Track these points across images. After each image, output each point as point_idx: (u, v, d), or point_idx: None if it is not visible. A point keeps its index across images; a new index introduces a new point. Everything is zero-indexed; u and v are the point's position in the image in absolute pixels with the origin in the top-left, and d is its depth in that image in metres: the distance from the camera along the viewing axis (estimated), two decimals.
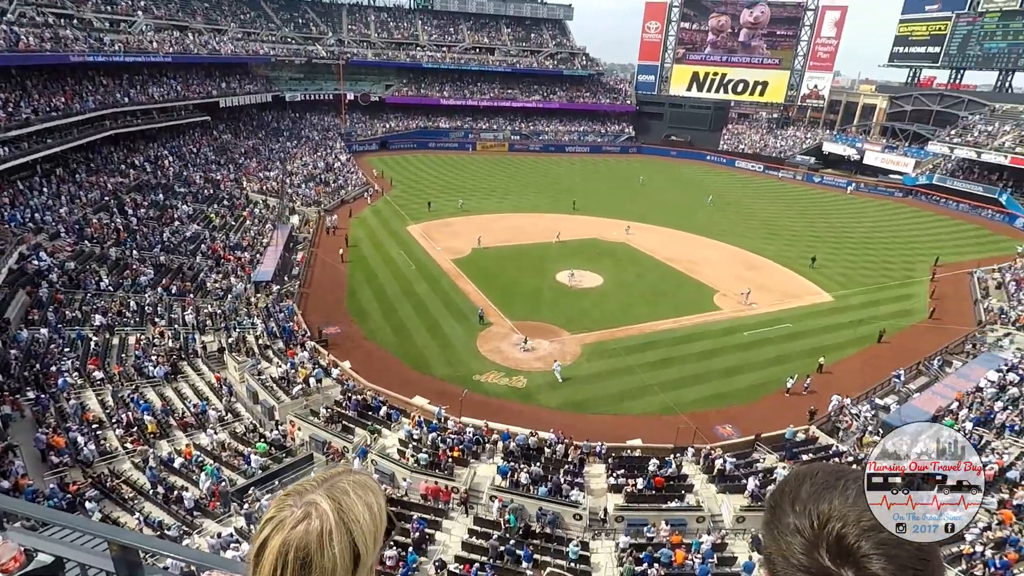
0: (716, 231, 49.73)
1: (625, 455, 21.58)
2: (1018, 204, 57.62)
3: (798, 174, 77.46)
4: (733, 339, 30.78)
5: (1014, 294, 36.64)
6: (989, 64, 74.48)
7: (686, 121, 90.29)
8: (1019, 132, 60.88)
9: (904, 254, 46.51)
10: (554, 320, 31.83)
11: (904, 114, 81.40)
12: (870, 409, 24.64)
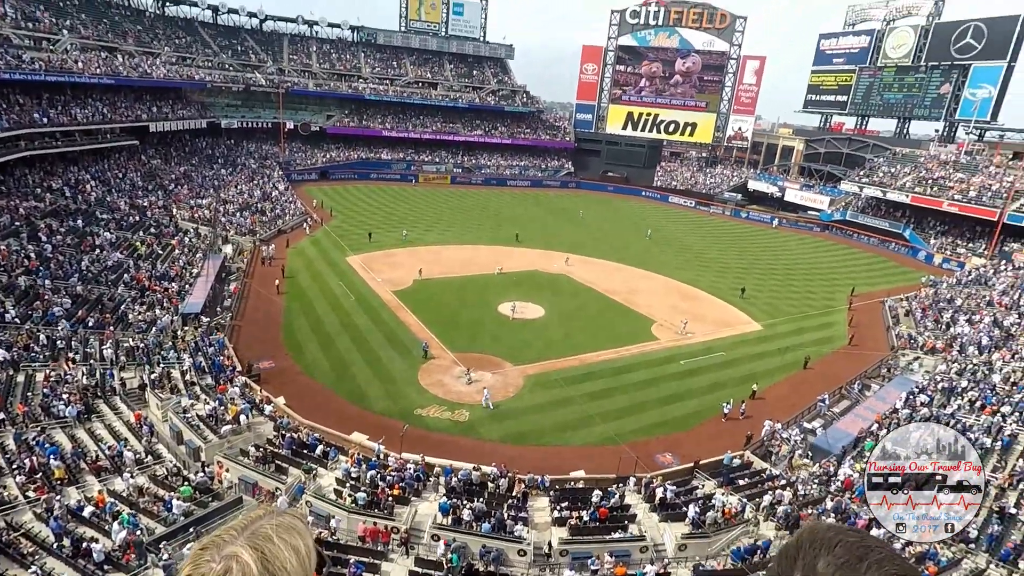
0: (653, 263, 51.45)
1: (569, 487, 21.52)
2: (920, 238, 62.85)
3: (726, 209, 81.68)
4: (671, 368, 31.61)
5: (920, 321, 39.63)
6: (889, 112, 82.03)
7: (622, 158, 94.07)
8: (917, 174, 66.86)
9: (824, 285, 49.54)
10: (496, 352, 31.76)
11: (819, 155, 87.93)
12: (799, 433, 25.73)
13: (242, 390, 25.21)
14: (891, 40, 79.92)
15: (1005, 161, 63.76)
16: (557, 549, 18.33)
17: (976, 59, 70.41)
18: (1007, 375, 30.36)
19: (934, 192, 62.79)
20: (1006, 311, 40.09)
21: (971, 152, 68.23)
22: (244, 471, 20.41)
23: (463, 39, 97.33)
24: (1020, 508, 20.46)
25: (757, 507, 20.71)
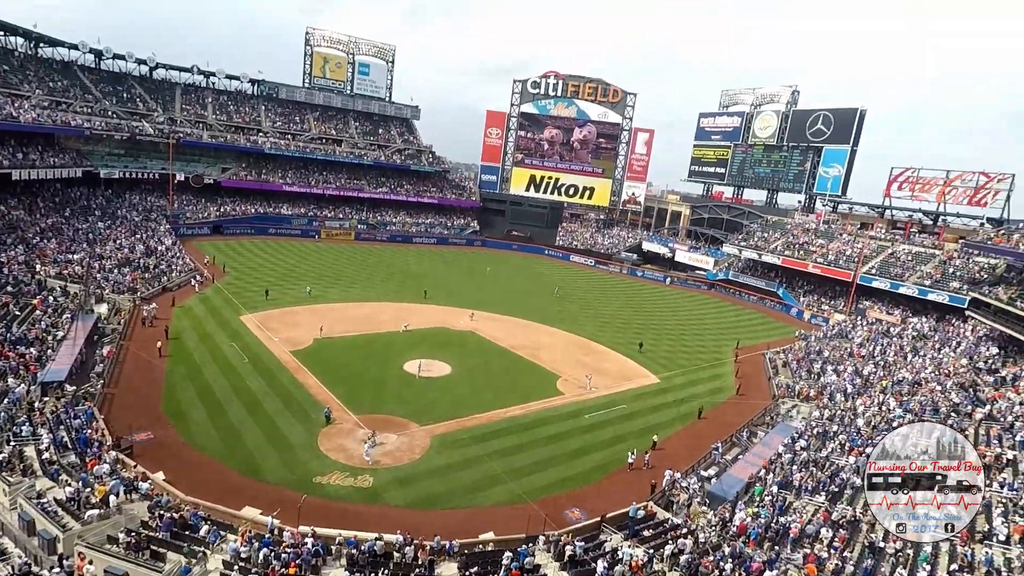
0: (557, 319, 52.97)
1: (478, 550, 20.90)
2: (791, 296, 69.74)
3: (624, 268, 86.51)
4: (576, 422, 32.21)
5: (795, 371, 43.49)
6: (760, 184, 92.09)
7: (526, 218, 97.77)
8: (786, 239, 74.93)
9: (712, 339, 53.27)
10: (402, 412, 30.87)
11: (703, 220, 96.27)
12: (697, 481, 26.89)
13: (113, 467, 22.51)
14: (758, 122, 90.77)
15: (854, 230, 73.27)
16: None
17: (827, 142, 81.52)
18: (868, 419, 33.81)
19: (800, 255, 70.48)
20: (864, 361, 45.02)
21: (828, 221, 77.77)
22: (112, 561, 17.96)
23: (368, 98, 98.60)
24: (887, 541, 22.42)
25: (661, 557, 21.16)
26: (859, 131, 79.17)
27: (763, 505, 24.82)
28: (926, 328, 53.07)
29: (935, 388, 38.36)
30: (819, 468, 28.25)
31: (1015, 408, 33.80)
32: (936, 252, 63.03)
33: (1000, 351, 42.91)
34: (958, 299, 52.50)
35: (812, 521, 23.76)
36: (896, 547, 22.23)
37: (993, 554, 21.49)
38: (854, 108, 79.59)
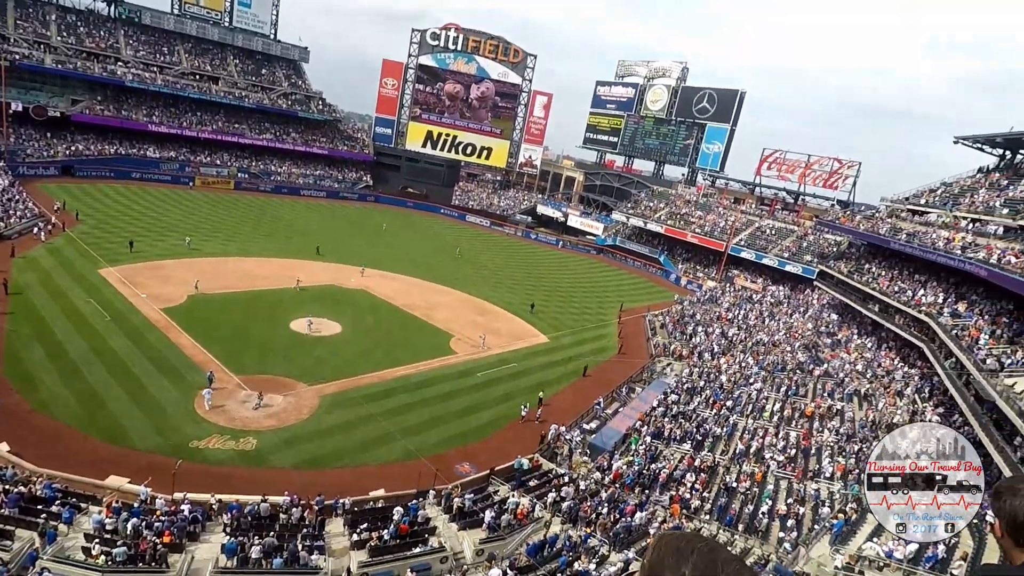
0: (451, 278, 53.03)
1: (368, 507, 21.05)
2: (671, 263, 74.86)
3: (518, 230, 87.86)
4: (468, 381, 32.89)
5: (671, 332, 47.18)
6: (649, 155, 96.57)
7: (422, 175, 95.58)
8: (669, 209, 79.79)
9: (599, 301, 56.12)
10: (289, 372, 29.77)
11: (596, 187, 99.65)
12: (579, 434, 28.72)
13: None
14: (650, 95, 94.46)
15: (729, 204, 79.53)
16: (356, 573, 17.79)
17: (710, 120, 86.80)
18: (730, 376, 37.66)
19: (681, 225, 75.50)
20: (729, 324, 49.74)
21: (707, 195, 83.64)
22: None
23: (251, 34, 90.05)
24: (739, 482, 25.49)
25: (545, 505, 22.57)
26: (739, 111, 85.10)
27: (637, 454, 27.10)
28: (782, 296, 59.51)
29: (786, 348, 43.40)
30: (687, 420, 31.22)
31: (845, 367, 39.16)
32: (795, 228, 70.26)
33: (839, 317, 49.24)
34: (809, 271, 59.19)
35: (678, 467, 26.36)
36: (746, 486, 25.29)
37: (820, 489, 25.12)
38: (735, 89, 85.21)
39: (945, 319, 31.72)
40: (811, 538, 21.28)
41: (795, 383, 36.56)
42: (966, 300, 33.52)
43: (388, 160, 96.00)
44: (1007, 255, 29.70)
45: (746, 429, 30.85)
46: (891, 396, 33.31)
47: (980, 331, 28.42)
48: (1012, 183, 40.14)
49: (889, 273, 44.07)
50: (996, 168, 44.70)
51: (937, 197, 46.00)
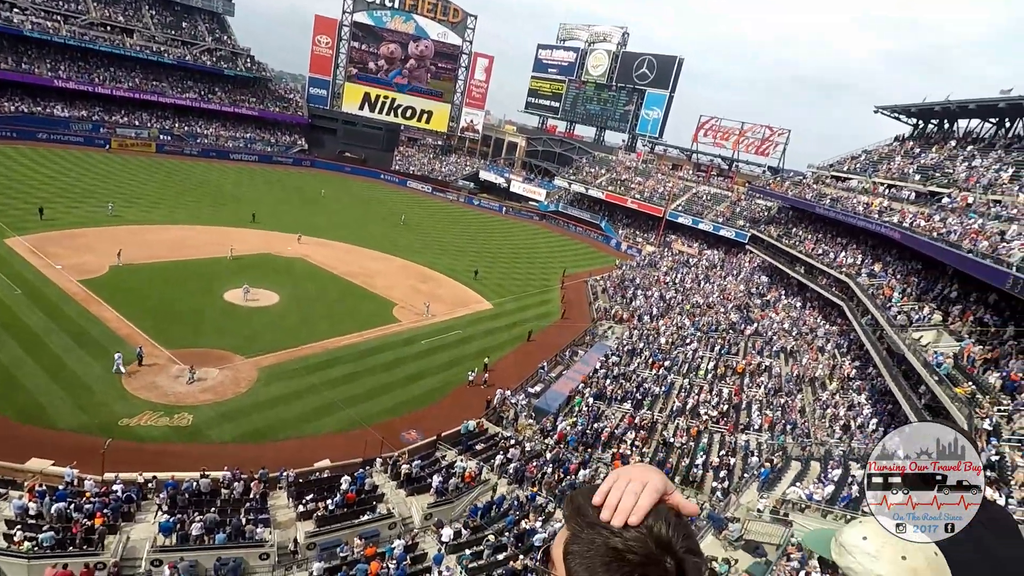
0: (392, 246, 52.08)
1: (314, 478, 20.86)
2: (612, 228, 76.20)
3: (461, 196, 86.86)
4: (413, 348, 32.73)
5: (612, 296, 48.36)
6: (590, 121, 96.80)
7: (360, 139, 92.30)
8: (610, 175, 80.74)
9: (542, 267, 56.65)
10: (224, 344, 28.69)
11: (538, 152, 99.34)
12: (524, 397, 29.29)
13: None
14: (591, 60, 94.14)
15: (667, 170, 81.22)
16: (304, 544, 17.71)
17: (649, 86, 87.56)
18: (668, 337, 39.13)
19: (621, 191, 76.65)
20: (667, 287, 51.42)
21: (646, 161, 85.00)
22: None
23: None
24: (675, 438, 26.79)
25: (492, 467, 23.05)
26: (677, 78, 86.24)
27: (580, 415, 27.96)
28: (716, 259, 61.88)
29: (719, 310, 45.37)
30: (627, 380, 32.35)
31: (774, 326, 41.41)
32: (729, 194, 72.73)
33: (768, 279, 51.77)
34: (741, 235, 61.65)
35: (620, 425, 27.41)
36: (682, 441, 26.60)
37: (749, 440, 26.74)
38: (673, 56, 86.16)
39: (863, 279, 33.94)
40: (741, 486, 22.76)
41: (728, 342, 38.42)
42: (881, 261, 35.92)
43: (324, 123, 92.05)
44: (917, 219, 31.89)
45: (682, 387, 32.31)
46: (814, 352, 35.60)
47: (893, 290, 30.61)
48: (924, 151, 42.84)
49: (814, 236, 46.53)
50: (910, 137, 47.53)
51: (858, 164, 48.59)
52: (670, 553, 0.99)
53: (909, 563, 1.30)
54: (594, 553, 0.99)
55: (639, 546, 0.98)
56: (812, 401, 30.19)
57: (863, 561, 1.34)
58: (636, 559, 0.97)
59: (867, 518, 1.46)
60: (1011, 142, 36.93)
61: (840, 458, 23.29)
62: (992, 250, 22.49)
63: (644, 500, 1.05)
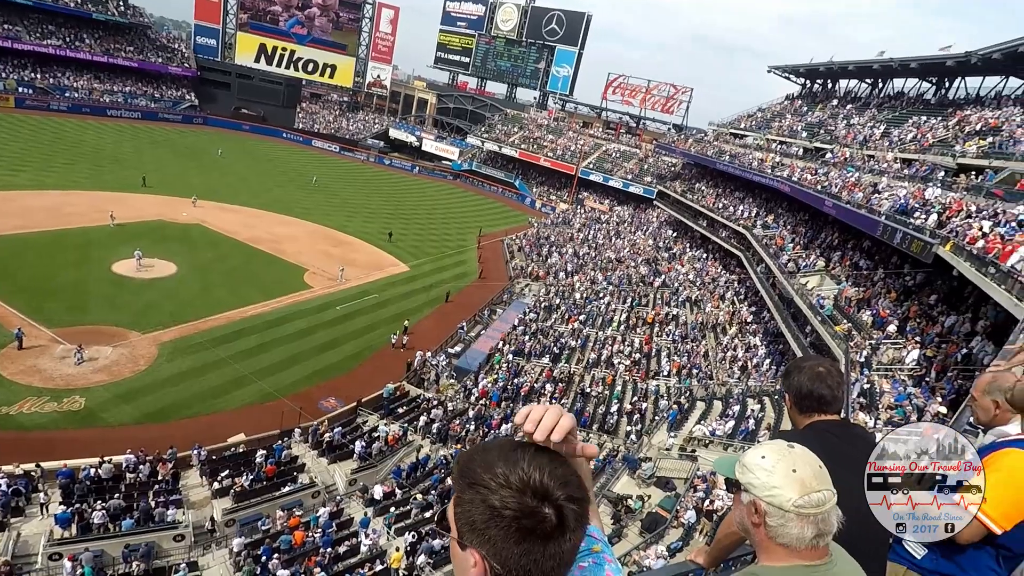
0: (299, 209, 49.65)
1: (228, 454, 20.08)
2: (526, 187, 76.57)
3: (371, 156, 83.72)
4: (327, 315, 31.76)
5: (528, 254, 49.03)
6: (501, 78, 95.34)
7: (257, 95, 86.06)
8: (523, 133, 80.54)
9: (458, 227, 56.23)
10: (116, 320, 26.49)
11: (449, 110, 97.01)
12: (445, 358, 29.43)
13: None
14: (501, 14, 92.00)
15: (578, 128, 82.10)
16: (221, 521, 17.15)
17: (559, 42, 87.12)
18: (583, 292, 40.40)
19: (534, 149, 76.85)
20: (580, 244, 52.77)
21: (558, 119, 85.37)
22: None
23: None
24: (592, 387, 28.05)
25: (416, 429, 23.18)
26: (586, 34, 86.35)
27: (501, 371, 28.53)
28: (626, 215, 64.04)
29: (630, 264, 47.26)
30: (545, 336, 33.25)
31: (680, 277, 43.76)
32: (637, 151, 74.87)
33: (674, 233, 54.34)
34: (649, 191, 64.00)
35: (539, 379, 28.26)
36: (598, 390, 27.89)
37: (659, 385, 28.46)
38: (582, 12, 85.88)
39: (758, 231, 36.44)
40: (652, 428, 24.34)
41: (638, 295, 40.27)
42: (774, 213, 38.65)
43: (215, 76, 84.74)
44: (804, 173, 34.43)
45: (597, 339, 33.68)
46: (715, 300, 38.10)
47: (784, 239, 33.13)
48: (810, 109, 45.99)
49: (715, 191, 49.16)
50: (799, 96, 50.78)
51: (754, 122, 51.44)
52: (548, 502, 1.03)
53: (799, 474, 1.51)
54: (475, 512, 1.03)
55: (514, 502, 1.01)
56: (714, 346, 32.49)
57: (761, 476, 1.53)
58: (511, 514, 1.01)
59: (765, 442, 1.65)
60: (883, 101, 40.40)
61: (739, 396, 25.39)
62: (866, 201, 24.77)
63: (565, 422, 1.14)
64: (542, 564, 1.02)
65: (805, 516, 1.48)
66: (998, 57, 28.61)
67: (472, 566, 1.05)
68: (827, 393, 2.29)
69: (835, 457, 2.11)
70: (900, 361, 18.55)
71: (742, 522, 1.62)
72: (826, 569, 1.52)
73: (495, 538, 1.02)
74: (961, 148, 25.38)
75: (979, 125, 27.01)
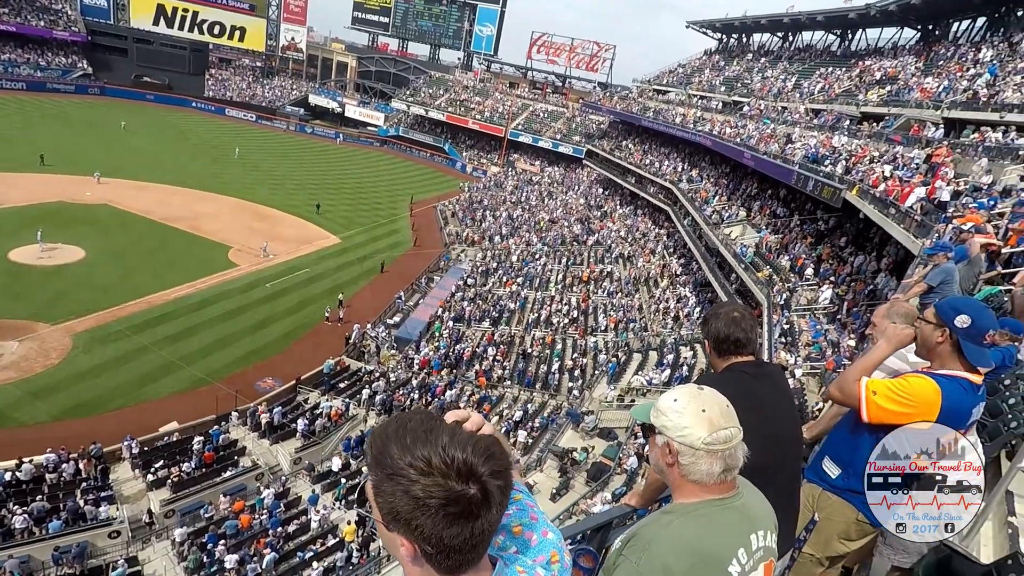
0: (218, 184, 46.88)
1: (162, 444, 19.24)
2: (456, 151, 75.34)
3: (291, 124, 79.66)
4: (256, 293, 30.53)
5: (462, 220, 48.63)
6: (423, 39, 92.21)
7: (160, 61, 79.42)
8: (449, 96, 78.67)
9: (389, 196, 54.85)
10: (19, 312, 24.42)
11: (371, 73, 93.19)
12: (384, 329, 29.07)
13: None
14: None
15: (505, 89, 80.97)
16: (160, 513, 16.54)
17: (480, 0, 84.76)
18: (519, 255, 40.65)
19: (461, 112, 75.36)
20: (514, 206, 52.78)
21: (483, 80, 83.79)
22: None
23: None
24: (533, 348, 28.57)
25: (359, 403, 22.95)
26: None
27: (442, 339, 28.52)
28: (557, 176, 64.39)
29: (563, 224, 47.82)
30: (484, 300, 33.39)
31: (612, 234, 44.75)
32: (564, 111, 74.89)
33: (604, 191, 55.24)
34: (578, 150, 64.44)
35: (480, 343, 28.48)
36: (539, 350, 28.44)
37: (598, 340, 29.32)
38: None
39: (684, 185, 37.61)
40: (593, 382, 25.16)
41: (573, 254, 40.94)
42: (698, 167, 39.94)
43: (109, 41, 77.31)
44: (724, 127, 35.62)
45: (536, 300, 34.15)
46: (646, 255, 39.30)
47: (708, 192, 34.39)
48: (727, 64, 47.28)
49: (641, 148, 50.12)
50: (716, 51, 52.03)
51: (675, 78, 52.41)
52: (474, 480, 1.01)
53: (707, 414, 1.60)
54: (397, 503, 1.01)
55: (439, 490, 0.99)
56: (648, 299, 33.68)
57: (673, 418, 1.62)
58: (437, 503, 0.99)
59: (677, 387, 1.76)
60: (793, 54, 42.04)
61: (672, 345, 26.57)
62: (781, 151, 26.00)
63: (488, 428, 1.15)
64: (472, 539, 1.03)
65: (714, 452, 1.56)
66: (894, 9, 30.27)
67: (400, 546, 1.05)
68: (742, 336, 2.44)
69: (751, 394, 2.29)
70: (815, 301, 19.90)
71: (657, 463, 1.70)
72: (733, 501, 1.63)
73: (422, 525, 1.00)
74: (864, 97, 26.92)
75: (879, 75, 28.67)
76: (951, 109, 20.09)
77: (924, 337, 2.56)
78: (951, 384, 2.38)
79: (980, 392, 2.47)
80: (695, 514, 1.59)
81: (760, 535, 1.64)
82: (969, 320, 2.38)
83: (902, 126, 21.94)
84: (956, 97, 20.68)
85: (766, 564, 1.66)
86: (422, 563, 1.06)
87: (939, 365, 2.49)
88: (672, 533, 1.55)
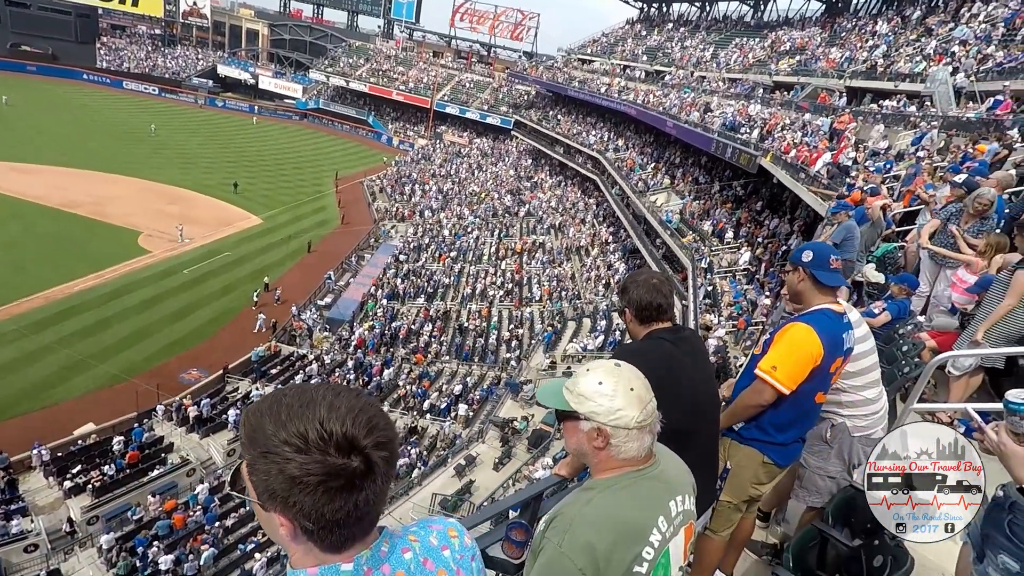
0: (122, 164, 43.35)
1: (77, 448, 18.00)
2: (381, 124, 73.00)
3: (199, 98, 74.37)
4: (174, 280, 28.75)
5: (391, 195, 47.51)
6: (340, 4, 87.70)
7: (40, 27, 71.54)
8: (371, 66, 75.74)
9: (312, 172, 52.61)
10: None
11: (285, 42, 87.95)
12: (315, 311, 28.22)
13: None
14: None
15: (429, 59, 78.75)
16: (81, 520, 15.58)
17: None
18: (451, 229, 40.28)
19: (385, 83, 72.80)
20: (444, 180, 52.03)
21: (406, 49, 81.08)
22: None
23: None
24: (469, 322, 28.61)
25: None
26: None
27: (376, 317, 28.04)
28: (487, 147, 63.82)
29: (494, 196, 47.68)
30: (417, 276, 32.99)
31: (543, 205, 45.09)
32: (490, 81, 73.87)
33: (533, 161, 55.35)
34: (507, 121, 63.96)
35: (416, 320, 28.23)
36: (475, 323, 28.52)
37: (533, 311, 29.72)
38: None
39: (610, 154, 38.24)
40: (529, 352, 25.58)
41: (505, 226, 40.98)
42: (623, 136, 40.67)
43: None
44: (648, 96, 36.34)
45: (470, 274, 34.08)
46: (577, 224, 39.93)
47: (634, 161, 35.16)
48: (649, 33, 48.02)
49: (569, 118, 50.40)
50: (638, 20, 52.67)
51: (600, 47, 52.75)
52: (356, 452, 0.98)
53: (636, 392, 1.59)
54: (273, 482, 0.97)
55: (317, 466, 0.96)
56: (579, 267, 34.35)
57: (603, 402, 1.58)
58: (315, 480, 0.96)
59: (591, 365, 1.68)
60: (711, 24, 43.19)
61: (604, 311, 27.33)
62: (701, 120, 26.86)
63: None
64: (356, 512, 1.00)
65: (644, 427, 1.57)
66: None
67: (280, 526, 1.01)
68: (663, 302, 2.50)
69: (673, 359, 2.38)
70: (735, 263, 20.96)
71: (579, 448, 1.65)
72: (651, 470, 1.62)
73: (300, 502, 0.96)
74: (775, 67, 28.13)
75: (788, 45, 29.99)
76: (853, 79, 21.35)
77: (789, 285, 2.91)
78: (818, 317, 2.70)
79: (845, 320, 2.77)
80: (615, 488, 1.57)
81: (679, 500, 1.64)
82: (812, 253, 2.76)
83: (810, 95, 23.14)
84: (857, 67, 21.98)
85: (686, 528, 1.66)
86: (303, 541, 1.02)
87: (807, 304, 2.79)
88: (593, 510, 1.53)
